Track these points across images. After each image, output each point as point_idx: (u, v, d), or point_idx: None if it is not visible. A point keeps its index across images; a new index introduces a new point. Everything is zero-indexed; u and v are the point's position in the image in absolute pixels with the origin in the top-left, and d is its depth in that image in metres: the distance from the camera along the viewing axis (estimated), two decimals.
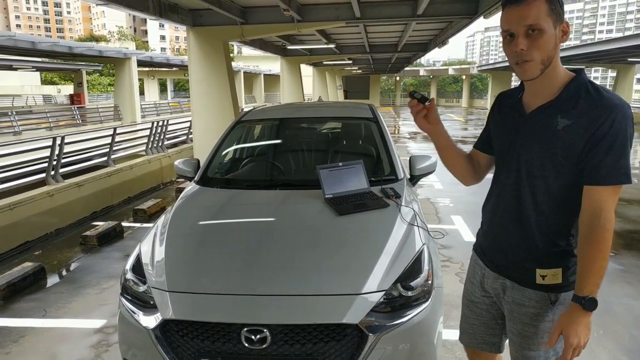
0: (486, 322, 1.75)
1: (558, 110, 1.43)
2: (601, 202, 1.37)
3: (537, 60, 1.38)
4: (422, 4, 7.88)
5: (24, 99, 37.36)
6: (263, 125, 4.21)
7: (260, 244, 2.34)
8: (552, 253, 1.50)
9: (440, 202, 7.17)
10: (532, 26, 1.36)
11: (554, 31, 1.38)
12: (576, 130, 1.38)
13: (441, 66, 64.69)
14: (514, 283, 1.59)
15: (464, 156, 1.77)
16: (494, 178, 1.67)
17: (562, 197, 1.46)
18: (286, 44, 14.31)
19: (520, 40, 1.38)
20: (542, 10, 1.35)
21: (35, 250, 5.36)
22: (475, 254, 1.79)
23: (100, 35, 79.67)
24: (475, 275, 1.76)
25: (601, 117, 1.35)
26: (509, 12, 1.40)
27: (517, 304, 1.58)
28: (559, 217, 1.48)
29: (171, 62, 27.88)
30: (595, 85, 1.41)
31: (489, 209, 1.67)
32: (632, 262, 4.76)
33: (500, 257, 1.63)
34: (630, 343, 3.23)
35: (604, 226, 1.36)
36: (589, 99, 1.39)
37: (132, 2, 6.98)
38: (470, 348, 1.85)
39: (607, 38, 23.06)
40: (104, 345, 3.24)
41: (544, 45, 1.37)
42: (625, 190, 8.54)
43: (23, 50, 17.28)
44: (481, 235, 1.75)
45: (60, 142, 6.52)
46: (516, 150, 1.52)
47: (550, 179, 1.46)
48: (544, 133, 1.44)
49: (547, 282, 1.51)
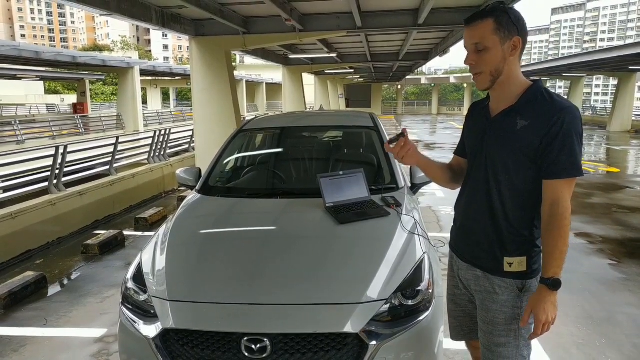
0: (470, 312, 1.91)
1: (517, 113, 1.62)
2: (558, 193, 1.55)
3: (486, 72, 1.62)
4: (423, 13, 7.93)
5: (28, 108, 37.59)
6: (264, 134, 4.22)
7: (261, 253, 2.34)
8: (517, 242, 1.67)
9: (442, 210, 7.16)
10: (478, 45, 1.60)
11: (501, 47, 1.58)
12: (533, 130, 1.57)
13: (443, 74, 64.94)
14: (485, 273, 1.75)
15: (443, 167, 1.99)
16: (466, 176, 1.85)
17: (524, 190, 1.64)
18: (288, 53, 14.40)
19: (470, 55, 1.64)
20: (487, 30, 1.58)
21: (37, 259, 5.36)
22: (450, 250, 1.95)
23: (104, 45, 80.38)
24: (452, 269, 1.95)
25: (553, 118, 1.54)
26: (464, 32, 1.65)
27: (487, 292, 1.74)
28: (522, 208, 1.66)
29: (174, 71, 28.07)
30: (549, 91, 1.62)
31: (462, 204, 1.85)
32: (634, 270, 4.74)
33: (472, 249, 1.80)
34: (633, 352, 3.20)
35: (562, 214, 1.54)
36: (544, 102, 1.59)
37: (135, 13, 7.05)
38: (465, 341, 2.04)
39: (608, 46, 23.11)
40: (104, 354, 3.24)
41: (489, 59, 1.59)
42: (629, 198, 8.53)
43: (27, 60, 17.45)
44: (454, 230, 1.92)
45: (63, 151, 6.56)
46: (483, 150, 1.72)
47: (513, 174, 1.64)
48: (506, 133, 1.64)
49: (514, 269, 1.67)
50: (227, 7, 7.99)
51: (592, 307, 3.88)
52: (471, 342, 2.03)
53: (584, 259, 5.08)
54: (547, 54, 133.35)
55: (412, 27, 9.04)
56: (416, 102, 58.60)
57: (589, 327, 3.54)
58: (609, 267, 4.89)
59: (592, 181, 9.75)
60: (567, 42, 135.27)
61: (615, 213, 7.10)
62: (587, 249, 5.42)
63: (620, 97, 25.92)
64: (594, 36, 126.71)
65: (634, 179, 10.77)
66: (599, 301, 4.01)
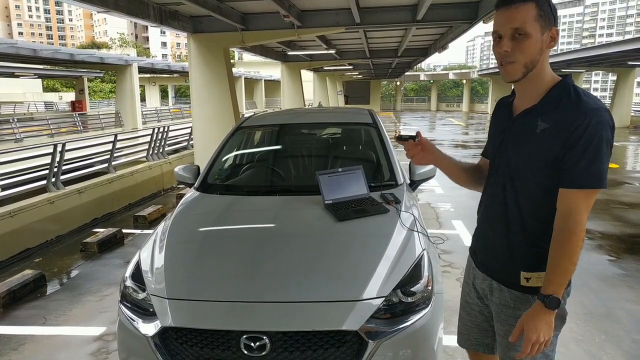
0: (479, 324, 1.78)
1: (539, 114, 1.47)
2: (572, 205, 1.38)
3: (521, 62, 1.42)
4: (422, 9, 7.90)
5: (26, 106, 37.49)
6: (263, 131, 4.21)
7: (259, 251, 2.33)
8: (534, 254, 1.51)
9: (441, 206, 7.15)
10: (518, 29, 1.40)
11: (541, 36, 1.41)
12: (553, 134, 1.41)
13: (442, 71, 64.87)
14: (500, 285, 1.61)
15: (466, 169, 1.82)
16: (487, 180, 1.71)
17: (541, 199, 1.48)
18: (286, 49, 14.35)
19: (506, 42, 1.42)
20: (530, 14, 1.39)
21: (36, 258, 5.35)
22: (470, 256, 1.82)
23: (102, 42, 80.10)
24: (469, 276, 1.80)
25: (577, 121, 1.37)
26: (499, 14, 1.45)
27: (503, 305, 1.60)
28: (539, 218, 1.50)
29: (172, 68, 27.98)
30: (578, 89, 1.43)
31: (482, 209, 1.72)
32: (633, 266, 4.74)
33: (487, 258, 1.67)
34: (632, 348, 3.21)
35: (572, 229, 1.37)
36: (569, 103, 1.41)
37: (133, 10, 7.02)
38: (468, 350, 1.89)
39: (607, 42, 23.06)
40: (103, 352, 3.23)
41: (528, 48, 1.40)
42: (628, 194, 8.52)
43: (25, 57, 17.38)
44: (475, 235, 1.78)
45: (61, 149, 6.54)
46: (502, 153, 1.58)
47: (530, 181, 1.49)
48: (525, 135, 1.49)
49: (532, 284, 1.52)
50: (225, 4, 7.96)
51: (592, 303, 3.88)
52: (474, 353, 1.87)
53: (583, 255, 5.04)
54: None
55: (410, 23, 9.01)
56: (415, 99, 58.50)
57: (588, 323, 3.54)
58: (608, 263, 4.89)
59: None
60: (566, 38, 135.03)
61: (614, 209, 7.10)
62: (587, 245, 5.42)
63: (619, 93, 25.90)
64: (592, 32, 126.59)
65: (633, 175, 10.76)
66: (598, 297, 4.01)
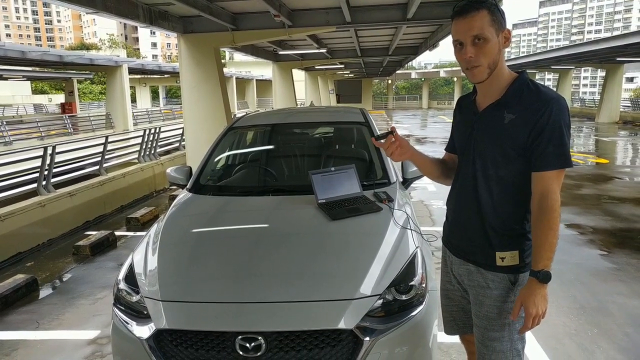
0: (464, 306, 1.90)
1: (504, 107, 1.62)
2: (548, 185, 1.54)
3: (484, 65, 1.58)
4: (412, 7, 7.92)
5: (15, 109, 37.12)
6: (255, 131, 4.20)
7: (253, 251, 2.33)
8: (508, 236, 1.66)
9: (433, 204, 7.18)
10: (477, 36, 1.55)
11: (497, 38, 1.56)
12: (520, 123, 1.57)
13: (433, 69, 64.98)
14: (477, 267, 1.74)
15: (436, 163, 1.98)
16: (456, 172, 1.84)
17: (513, 184, 1.63)
18: (278, 49, 14.33)
19: (469, 48, 1.57)
20: (485, 21, 1.54)
21: (27, 262, 5.30)
22: (443, 245, 1.95)
23: (91, 44, 79.45)
24: (446, 264, 1.94)
25: (540, 110, 1.53)
26: (456, 24, 1.59)
27: (481, 287, 1.73)
28: (512, 202, 1.65)
29: (163, 69, 27.87)
30: (535, 82, 1.60)
31: (453, 200, 1.85)
32: (625, 260, 4.79)
33: (464, 243, 1.79)
34: (624, 341, 3.24)
35: (552, 206, 1.53)
36: (530, 94, 1.57)
37: (122, 10, 6.96)
38: (459, 335, 2.02)
39: (595, 38, 23.28)
40: (97, 356, 3.21)
41: (489, 51, 1.56)
42: (618, 189, 8.62)
43: (13, 59, 17.21)
44: (447, 226, 1.91)
45: (52, 151, 6.48)
46: (472, 145, 1.72)
47: (501, 168, 1.64)
48: (493, 127, 1.64)
49: (507, 263, 1.66)
50: (215, 4, 7.92)
51: (584, 297, 3.92)
52: (465, 336, 2.03)
53: (575, 250, 5.12)
54: (535, 47, 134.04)
55: (401, 22, 9.03)
56: (407, 97, 58.67)
57: (581, 317, 3.57)
58: (599, 257, 4.94)
59: (582, 172, 9.84)
60: (555, 35, 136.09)
61: (605, 204, 7.18)
62: (578, 240, 5.47)
63: (608, 89, 26.16)
64: (581, 28, 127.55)
65: (623, 170, 10.88)
66: (590, 291, 4.05)
